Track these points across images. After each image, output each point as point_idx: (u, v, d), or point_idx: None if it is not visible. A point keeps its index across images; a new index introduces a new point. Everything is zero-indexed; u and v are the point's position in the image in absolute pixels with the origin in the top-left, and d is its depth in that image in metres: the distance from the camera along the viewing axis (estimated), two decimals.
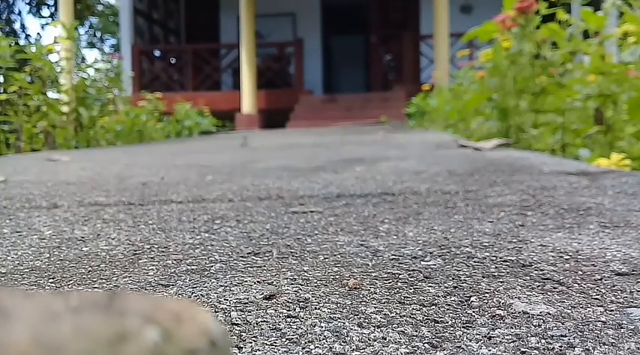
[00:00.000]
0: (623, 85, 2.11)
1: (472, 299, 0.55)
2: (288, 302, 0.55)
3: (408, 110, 7.12)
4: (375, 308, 0.53)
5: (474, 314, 0.51)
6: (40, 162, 2.40)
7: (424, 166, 1.74)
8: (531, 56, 2.69)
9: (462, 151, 2.30)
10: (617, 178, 1.34)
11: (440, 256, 0.71)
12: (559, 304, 0.53)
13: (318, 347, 0.44)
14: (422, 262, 0.68)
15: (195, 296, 0.58)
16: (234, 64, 10.15)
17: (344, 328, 0.48)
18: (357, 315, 0.51)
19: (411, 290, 0.58)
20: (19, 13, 19.66)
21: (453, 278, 0.61)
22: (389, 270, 0.65)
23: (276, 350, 0.44)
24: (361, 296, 0.56)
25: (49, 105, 3.98)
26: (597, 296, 0.55)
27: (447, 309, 0.52)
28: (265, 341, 0.45)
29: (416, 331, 0.47)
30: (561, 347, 0.43)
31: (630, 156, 1.85)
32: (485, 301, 0.54)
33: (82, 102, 4.39)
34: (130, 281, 0.64)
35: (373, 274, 0.64)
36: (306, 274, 0.64)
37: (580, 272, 0.63)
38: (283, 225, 0.93)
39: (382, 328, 0.48)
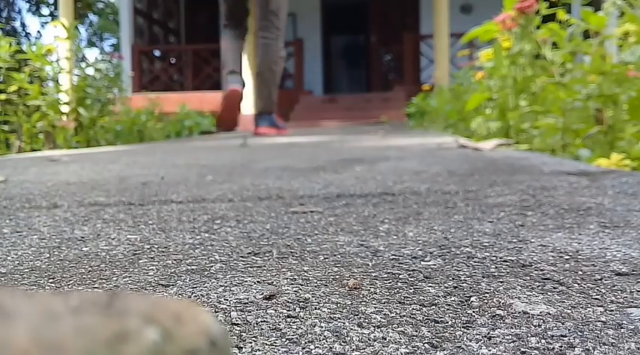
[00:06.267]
0: (624, 85, 2.11)
1: (472, 299, 0.55)
2: (288, 302, 0.55)
3: (408, 110, 7.11)
4: (375, 308, 0.53)
5: (473, 314, 0.51)
6: (40, 162, 2.40)
7: (424, 166, 1.74)
8: (532, 56, 2.69)
9: (462, 151, 2.30)
10: (617, 178, 1.34)
11: (440, 256, 0.71)
12: (559, 304, 0.53)
13: (318, 347, 0.44)
14: (422, 262, 0.68)
15: (195, 296, 0.58)
16: None
17: (344, 328, 0.48)
18: (357, 315, 0.51)
19: (411, 290, 0.58)
20: (19, 12, 19.67)
21: (453, 279, 0.61)
22: (389, 270, 0.65)
23: (276, 350, 0.44)
24: (361, 296, 0.56)
25: (49, 105, 3.98)
26: (597, 296, 0.55)
27: (447, 309, 0.52)
28: (265, 341, 0.45)
29: (416, 331, 0.47)
30: (561, 347, 0.43)
31: (630, 156, 1.84)
32: (485, 301, 0.54)
33: (82, 102, 4.39)
34: (130, 281, 0.64)
35: (373, 274, 0.64)
36: (306, 274, 0.64)
37: (580, 272, 0.63)
38: (283, 225, 0.93)
39: (382, 328, 0.48)
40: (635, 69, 2.14)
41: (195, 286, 0.61)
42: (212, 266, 0.69)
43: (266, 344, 0.45)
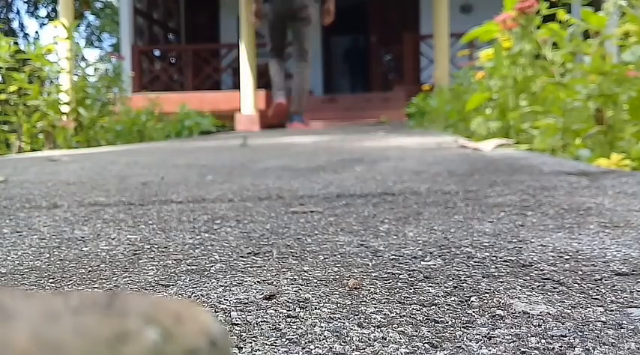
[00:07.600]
0: (624, 85, 2.11)
1: (472, 299, 0.55)
2: (288, 302, 0.55)
3: (408, 110, 7.11)
4: (375, 308, 0.53)
5: (474, 314, 0.51)
6: (40, 162, 2.40)
7: (424, 166, 1.74)
8: (532, 56, 2.69)
9: (462, 151, 2.30)
10: (617, 178, 1.34)
11: (440, 256, 0.71)
12: (559, 304, 0.53)
13: (318, 347, 0.44)
14: (422, 262, 0.68)
15: (195, 296, 0.58)
16: (234, 64, 10.14)
17: (344, 328, 0.48)
18: (357, 315, 0.51)
19: (411, 290, 0.58)
20: (18, 13, 19.67)
21: (453, 279, 0.61)
22: (389, 270, 0.65)
23: (276, 350, 0.44)
24: (361, 296, 0.56)
25: (49, 105, 3.98)
26: (597, 296, 0.55)
27: (447, 309, 0.52)
28: (265, 341, 0.46)
29: (416, 331, 0.47)
30: (561, 347, 0.43)
31: (630, 156, 1.84)
32: (485, 301, 0.54)
33: (82, 102, 4.39)
34: (130, 281, 0.64)
35: (373, 274, 0.64)
36: (306, 274, 0.65)
37: (580, 272, 0.63)
38: (283, 225, 0.93)
39: (382, 328, 0.48)
40: (635, 69, 2.14)
41: (195, 286, 0.61)
42: (212, 267, 0.69)
43: (266, 344, 0.45)
